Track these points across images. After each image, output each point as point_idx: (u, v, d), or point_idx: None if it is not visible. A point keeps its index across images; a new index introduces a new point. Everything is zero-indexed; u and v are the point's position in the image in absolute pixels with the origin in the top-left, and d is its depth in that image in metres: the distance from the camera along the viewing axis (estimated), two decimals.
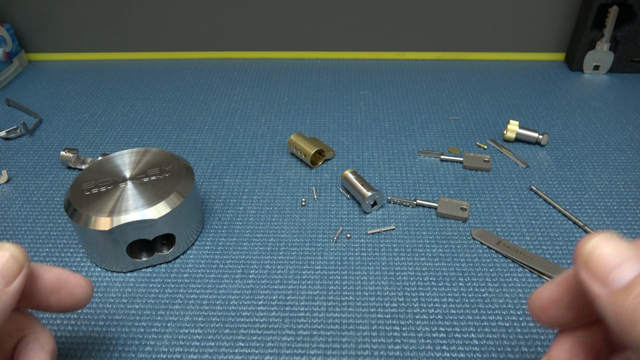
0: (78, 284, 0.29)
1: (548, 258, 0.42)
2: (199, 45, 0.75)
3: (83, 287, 0.30)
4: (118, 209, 0.39)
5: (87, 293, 0.30)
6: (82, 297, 0.30)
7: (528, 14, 0.69)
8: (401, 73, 0.70)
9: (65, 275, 0.29)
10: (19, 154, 0.56)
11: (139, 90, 0.68)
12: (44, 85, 0.70)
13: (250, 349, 0.36)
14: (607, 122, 0.59)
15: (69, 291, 0.29)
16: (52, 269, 0.29)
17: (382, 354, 0.35)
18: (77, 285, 0.29)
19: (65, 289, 0.29)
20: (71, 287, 0.29)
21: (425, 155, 0.54)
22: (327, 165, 0.53)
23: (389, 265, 0.42)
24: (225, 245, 0.44)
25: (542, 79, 0.68)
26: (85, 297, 0.30)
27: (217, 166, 0.54)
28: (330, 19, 0.71)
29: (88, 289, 0.30)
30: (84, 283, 0.30)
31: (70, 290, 0.29)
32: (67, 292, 0.29)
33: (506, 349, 0.35)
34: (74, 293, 0.29)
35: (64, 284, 0.29)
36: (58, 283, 0.29)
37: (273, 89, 0.67)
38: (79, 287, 0.29)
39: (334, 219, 0.47)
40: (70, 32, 0.74)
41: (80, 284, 0.30)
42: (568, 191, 0.49)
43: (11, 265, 0.26)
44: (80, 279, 0.30)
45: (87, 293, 0.30)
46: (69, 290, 0.29)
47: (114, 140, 0.58)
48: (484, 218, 0.46)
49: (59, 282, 0.29)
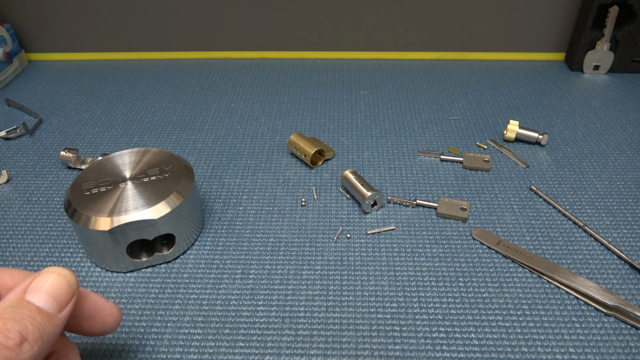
0: (111, 313, 0.30)
1: (548, 258, 0.42)
2: (199, 45, 0.75)
3: (115, 316, 0.30)
4: (118, 209, 0.39)
5: (117, 322, 0.30)
6: (112, 326, 0.30)
7: (528, 14, 0.69)
8: (401, 73, 0.70)
9: (101, 303, 0.30)
10: (19, 154, 0.56)
11: (139, 90, 0.68)
12: (44, 85, 0.70)
13: (250, 349, 0.36)
14: (607, 122, 0.59)
15: (102, 319, 0.30)
16: (89, 295, 0.29)
17: (382, 354, 0.35)
18: (110, 314, 0.30)
19: (99, 317, 0.29)
20: (105, 315, 0.30)
21: (425, 155, 0.54)
22: (327, 165, 0.53)
23: (389, 265, 0.42)
24: (225, 245, 0.44)
25: (542, 79, 0.68)
26: (114, 326, 0.30)
27: (217, 166, 0.54)
28: (330, 19, 0.71)
29: (119, 317, 0.30)
30: (116, 312, 0.30)
31: (103, 318, 0.30)
32: (99, 320, 0.29)
33: (506, 349, 0.35)
34: (106, 321, 0.30)
35: (99, 312, 0.29)
36: (94, 310, 0.29)
37: (273, 89, 0.67)
38: (111, 316, 0.30)
39: (334, 219, 0.47)
40: (70, 32, 0.74)
41: (113, 313, 0.30)
42: (568, 191, 0.49)
43: (66, 291, 0.26)
44: (114, 308, 0.30)
45: (117, 322, 0.30)
46: (102, 318, 0.30)
47: (114, 140, 0.58)
48: (484, 218, 0.46)
49: (95, 309, 0.29)
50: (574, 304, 0.38)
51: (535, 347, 0.35)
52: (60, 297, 0.25)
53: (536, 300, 0.39)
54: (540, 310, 0.38)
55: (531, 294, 0.39)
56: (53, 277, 0.26)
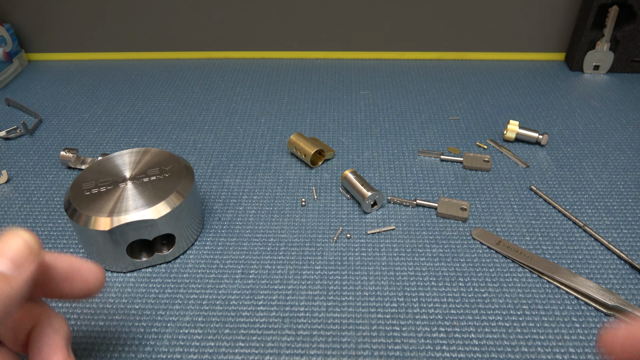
0: (90, 271, 0.30)
1: (548, 258, 0.42)
2: (199, 45, 0.75)
3: (95, 274, 0.30)
4: (118, 209, 0.39)
5: (100, 280, 0.30)
6: (95, 285, 0.30)
7: (528, 14, 0.69)
8: (401, 73, 0.70)
9: (78, 263, 0.29)
10: (19, 154, 0.56)
11: (139, 90, 0.68)
12: (44, 85, 0.70)
13: (250, 349, 0.36)
14: (607, 122, 0.59)
15: (82, 278, 0.29)
16: (65, 257, 0.29)
17: (382, 354, 0.35)
18: (90, 272, 0.30)
19: (79, 277, 0.29)
20: (84, 274, 0.29)
21: (425, 155, 0.54)
22: (327, 165, 0.53)
23: (389, 265, 0.42)
24: (225, 245, 0.44)
25: (542, 79, 0.68)
26: (98, 284, 0.30)
27: (217, 166, 0.54)
28: (330, 19, 0.71)
29: (101, 276, 0.30)
30: (96, 270, 0.30)
31: (83, 277, 0.29)
32: (80, 280, 0.29)
33: (506, 349, 0.35)
34: (87, 280, 0.29)
35: (77, 272, 0.29)
36: (71, 271, 0.29)
37: (273, 89, 0.67)
38: (91, 274, 0.30)
39: (334, 219, 0.47)
40: (70, 32, 0.74)
41: (93, 271, 0.30)
42: (568, 191, 0.49)
43: (24, 252, 0.25)
44: (93, 267, 0.30)
45: (100, 280, 0.30)
46: (82, 277, 0.29)
47: (114, 140, 0.58)
48: (484, 218, 0.46)
49: (72, 269, 0.29)
50: (574, 304, 0.38)
51: (535, 347, 0.35)
52: (18, 259, 0.25)
53: (536, 300, 0.39)
54: (540, 310, 0.38)
55: (531, 294, 0.39)
56: (12, 239, 0.25)
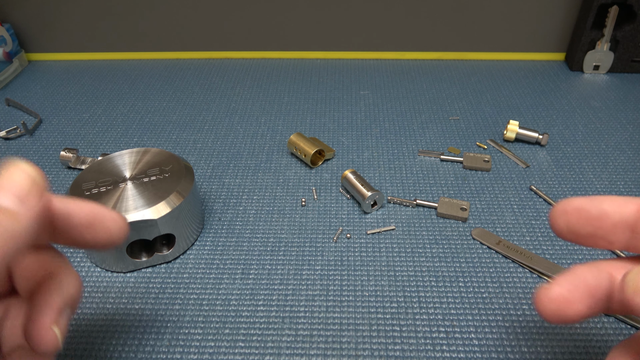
0: (113, 219, 0.29)
1: (548, 258, 0.42)
2: (199, 45, 0.75)
3: (118, 222, 0.29)
4: (118, 209, 0.39)
5: (123, 229, 0.29)
6: (117, 233, 0.29)
7: (528, 14, 0.69)
8: (401, 73, 0.70)
9: (100, 210, 0.28)
10: (19, 154, 0.56)
11: (139, 90, 0.68)
12: (44, 85, 0.70)
13: (250, 349, 0.36)
14: (607, 122, 0.59)
15: (104, 226, 0.28)
16: (86, 204, 0.28)
17: (382, 354, 0.35)
18: (112, 220, 0.29)
19: (101, 224, 0.28)
20: (107, 222, 0.28)
21: (425, 155, 0.54)
22: (327, 165, 0.53)
23: (389, 265, 0.42)
24: (225, 245, 0.44)
25: (542, 79, 0.68)
26: (120, 233, 0.29)
27: (217, 166, 0.54)
28: (330, 19, 0.71)
29: (123, 224, 0.29)
30: (118, 219, 0.29)
31: (105, 225, 0.28)
32: (102, 227, 0.28)
33: (506, 349, 0.35)
34: (109, 228, 0.29)
35: (99, 219, 0.28)
36: (93, 218, 0.28)
37: (273, 89, 0.67)
38: (114, 222, 0.29)
39: (334, 219, 0.47)
40: (70, 32, 0.74)
41: (115, 219, 0.29)
42: (568, 191, 0.49)
43: (29, 186, 0.24)
44: (115, 215, 0.29)
45: (123, 229, 0.29)
46: (104, 225, 0.28)
47: (114, 140, 0.58)
48: (484, 218, 0.46)
49: (95, 216, 0.28)
50: None
51: (535, 347, 0.35)
52: (21, 193, 0.23)
53: None
54: None
55: (531, 294, 0.39)
56: (15, 173, 0.24)
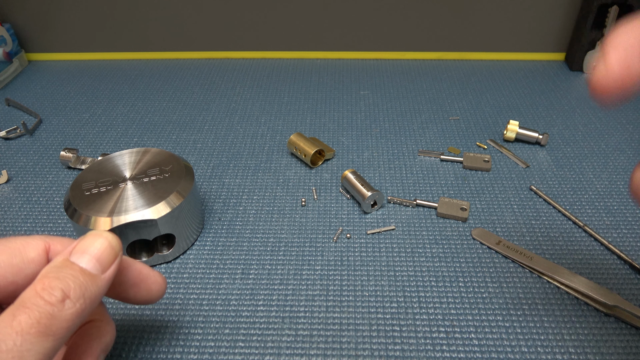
0: (156, 281, 0.31)
1: (548, 258, 0.42)
2: (199, 45, 0.75)
3: (160, 284, 0.31)
4: (118, 209, 0.39)
5: (162, 290, 0.32)
6: (157, 294, 0.31)
7: (528, 14, 0.69)
8: (401, 73, 0.70)
9: (146, 270, 0.31)
10: (19, 154, 0.56)
11: (139, 90, 0.68)
12: (44, 85, 0.70)
13: (250, 349, 0.36)
14: (607, 122, 0.59)
15: (147, 286, 0.31)
16: (135, 263, 0.31)
17: (382, 354, 0.35)
18: (155, 282, 0.31)
19: (145, 284, 0.31)
20: (150, 283, 0.31)
21: (425, 155, 0.54)
22: (327, 165, 0.53)
23: (389, 265, 0.42)
24: (225, 245, 0.44)
25: (542, 79, 0.68)
26: (159, 294, 0.32)
27: (217, 166, 0.54)
28: (330, 19, 0.71)
29: (164, 286, 0.32)
30: (161, 281, 0.32)
31: (148, 285, 0.31)
32: (145, 287, 0.31)
33: (506, 349, 0.35)
34: (151, 289, 0.31)
35: (144, 279, 0.31)
36: (140, 277, 0.30)
37: (273, 89, 0.67)
38: (156, 284, 0.31)
39: (334, 219, 0.47)
40: (70, 32, 0.74)
41: (158, 282, 0.31)
42: (568, 191, 0.49)
43: (109, 253, 0.27)
44: (159, 277, 0.31)
45: (162, 290, 0.32)
46: (147, 285, 0.31)
47: (114, 140, 0.58)
48: (484, 218, 0.46)
49: (141, 276, 0.31)
50: (574, 304, 0.38)
51: (535, 347, 0.35)
52: (103, 259, 0.27)
53: (536, 300, 0.39)
54: (540, 310, 0.38)
55: (531, 294, 0.39)
56: (97, 240, 0.27)
